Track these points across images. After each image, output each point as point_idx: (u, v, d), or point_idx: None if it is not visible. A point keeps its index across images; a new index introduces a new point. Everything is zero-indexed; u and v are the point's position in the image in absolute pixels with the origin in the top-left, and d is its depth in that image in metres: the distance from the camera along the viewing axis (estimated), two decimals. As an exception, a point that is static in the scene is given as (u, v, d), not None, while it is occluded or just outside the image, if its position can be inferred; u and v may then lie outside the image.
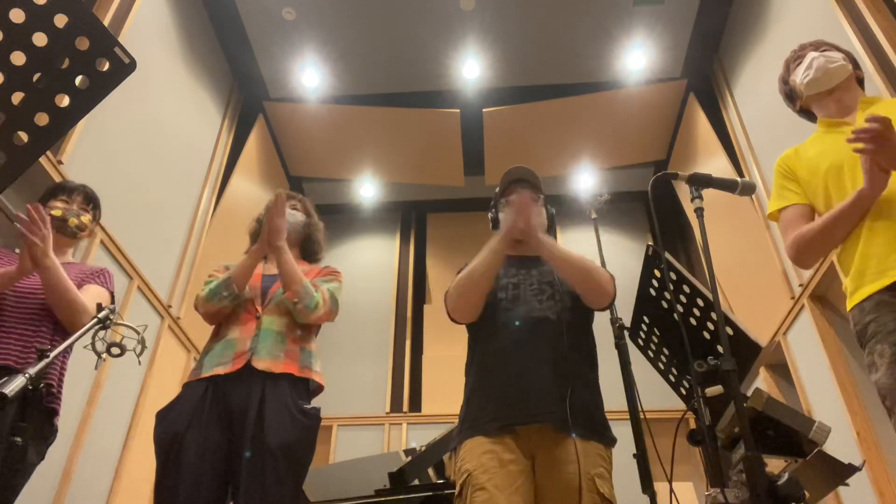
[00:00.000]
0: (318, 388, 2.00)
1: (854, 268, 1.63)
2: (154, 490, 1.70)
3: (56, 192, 2.17)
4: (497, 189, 2.05)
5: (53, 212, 2.10)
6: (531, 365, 1.67)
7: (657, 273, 2.03)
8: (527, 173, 1.99)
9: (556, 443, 1.58)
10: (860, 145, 1.49)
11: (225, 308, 1.96)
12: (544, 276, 1.86)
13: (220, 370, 1.82)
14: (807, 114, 1.95)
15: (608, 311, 2.30)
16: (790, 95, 1.96)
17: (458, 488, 1.59)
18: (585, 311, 1.86)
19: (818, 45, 1.90)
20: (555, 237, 2.02)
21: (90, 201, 2.21)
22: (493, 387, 1.69)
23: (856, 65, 1.87)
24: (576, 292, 1.80)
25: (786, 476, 1.23)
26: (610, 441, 1.68)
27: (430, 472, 2.56)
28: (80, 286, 2.03)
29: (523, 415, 1.61)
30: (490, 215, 2.06)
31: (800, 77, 1.88)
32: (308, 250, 2.22)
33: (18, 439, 1.42)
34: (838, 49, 1.88)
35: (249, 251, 2.05)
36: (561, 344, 1.70)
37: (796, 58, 1.93)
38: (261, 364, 1.82)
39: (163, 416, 1.80)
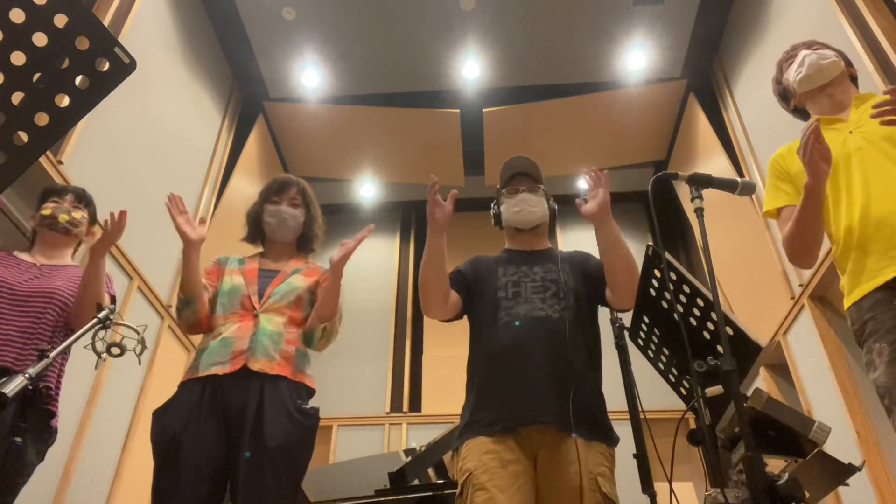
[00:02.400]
0: (312, 390, 1.98)
1: (851, 266, 1.62)
2: (152, 490, 1.69)
3: (47, 194, 2.20)
4: (498, 183, 2.04)
5: (43, 211, 2.12)
6: (533, 365, 1.66)
7: (657, 273, 2.03)
8: (527, 165, 1.98)
9: (558, 443, 1.58)
10: (890, 117, 1.42)
11: (193, 317, 1.92)
12: (548, 272, 1.83)
13: (219, 370, 1.78)
14: (801, 113, 1.94)
15: (608, 311, 2.29)
16: (784, 95, 1.96)
17: (459, 488, 1.59)
18: (590, 310, 1.84)
19: (810, 45, 1.90)
20: (556, 233, 2.02)
21: (81, 199, 2.22)
22: (495, 387, 1.68)
23: (848, 62, 1.87)
24: (586, 289, 1.78)
25: (786, 476, 1.23)
26: (613, 440, 1.67)
27: (430, 472, 2.56)
28: None
29: (525, 415, 1.60)
30: (492, 211, 2.04)
31: (793, 75, 1.87)
32: (303, 243, 2.19)
33: (18, 439, 1.43)
34: (830, 48, 1.88)
35: (183, 254, 2.01)
36: (563, 343, 1.68)
37: (788, 57, 1.93)
38: (256, 365, 1.80)
39: (160, 416, 1.77)
